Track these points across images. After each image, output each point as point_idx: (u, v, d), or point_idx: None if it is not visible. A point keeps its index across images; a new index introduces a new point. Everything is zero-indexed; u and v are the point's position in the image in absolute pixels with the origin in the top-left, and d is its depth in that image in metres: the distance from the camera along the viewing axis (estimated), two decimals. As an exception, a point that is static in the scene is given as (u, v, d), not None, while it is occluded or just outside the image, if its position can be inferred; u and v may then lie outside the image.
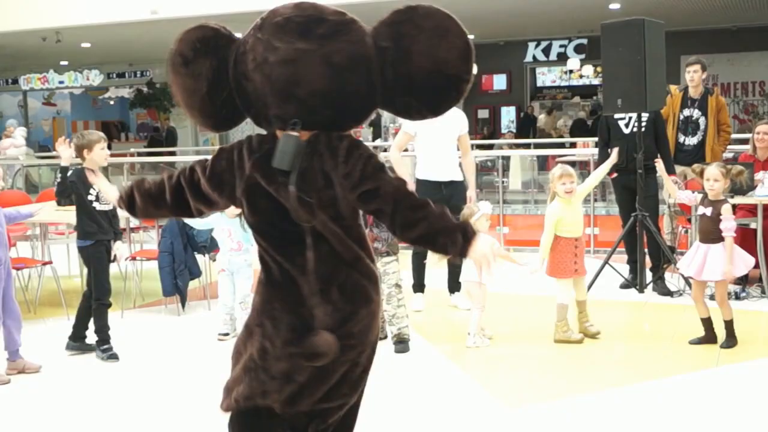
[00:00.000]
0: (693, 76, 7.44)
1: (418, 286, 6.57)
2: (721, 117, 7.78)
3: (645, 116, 6.96)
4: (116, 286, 5.55)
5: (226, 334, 5.86)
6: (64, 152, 5.31)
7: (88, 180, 4.95)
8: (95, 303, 5.38)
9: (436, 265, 6.05)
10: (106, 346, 5.40)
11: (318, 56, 2.46)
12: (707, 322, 5.35)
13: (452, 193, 6.38)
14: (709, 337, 5.34)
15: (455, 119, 6.43)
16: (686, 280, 6.58)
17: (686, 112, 7.63)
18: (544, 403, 4.38)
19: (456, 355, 5.28)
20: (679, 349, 5.30)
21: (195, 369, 5.21)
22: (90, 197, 5.32)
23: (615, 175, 6.95)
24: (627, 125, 6.99)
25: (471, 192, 6.57)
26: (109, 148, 5.55)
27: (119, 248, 5.45)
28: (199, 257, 6.78)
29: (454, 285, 6.56)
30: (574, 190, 5.46)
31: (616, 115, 6.93)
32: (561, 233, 5.51)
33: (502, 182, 10.28)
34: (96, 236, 5.33)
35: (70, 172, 5.31)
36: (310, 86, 2.47)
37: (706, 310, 5.34)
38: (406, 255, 5.80)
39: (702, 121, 7.63)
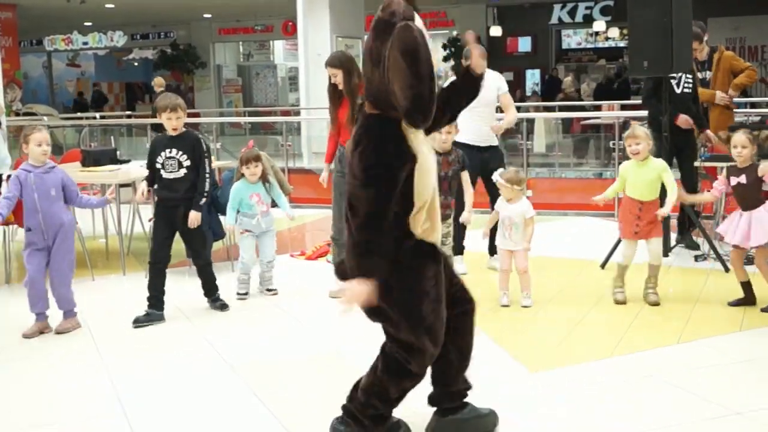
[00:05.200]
0: None
1: (458, 249, 6.59)
2: (735, 66, 7.76)
3: (690, 77, 6.95)
4: (141, 246, 5.59)
5: (246, 294, 5.96)
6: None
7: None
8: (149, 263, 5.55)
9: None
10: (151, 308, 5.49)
11: None
12: (747, 285, 5.39)
13: (490, 157, 6.48)
14: (749, 299, 5.38)
15: (490, 80, 6.41)
16: (711, 245, 6.51)
17: (699, 75, 7.64)
18: (565, 368, 4.39)
19: (483, 318, 5.27)
20: (703, 313, 5.29)
21: (219, 328, 5.26)
22: (157, 165, 5.41)
23: (665, 134, 6.91)
24: (678, 85, 6.95)
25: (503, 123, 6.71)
26: (133, 110, 5.61)
27: (192, 217, 5.46)
28: (222, 218, 6.80)
29: (493, 247, 6.62)
30: (641, 151, 5.41)
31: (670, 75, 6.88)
32: (628, 192, 5.55)
33: (527, 145, 10.22)
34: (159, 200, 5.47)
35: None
36: None
37: (745, 274, 5.39)
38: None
39: None
